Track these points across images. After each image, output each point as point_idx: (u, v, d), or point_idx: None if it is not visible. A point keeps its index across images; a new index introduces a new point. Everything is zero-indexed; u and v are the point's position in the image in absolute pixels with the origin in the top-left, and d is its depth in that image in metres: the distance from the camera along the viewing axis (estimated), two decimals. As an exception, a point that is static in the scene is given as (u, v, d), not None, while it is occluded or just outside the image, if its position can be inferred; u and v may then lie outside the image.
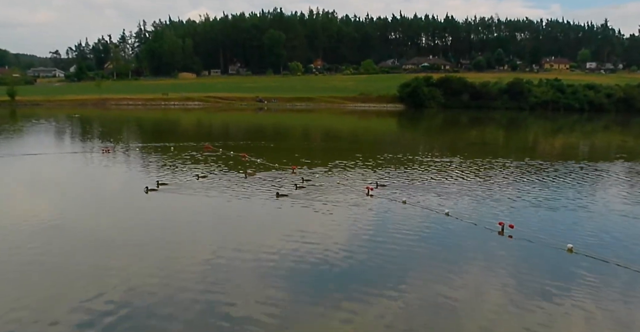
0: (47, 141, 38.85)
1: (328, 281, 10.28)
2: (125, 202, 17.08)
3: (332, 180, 20.60)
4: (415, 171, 23.54)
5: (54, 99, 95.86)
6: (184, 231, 13.85)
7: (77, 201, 17.15)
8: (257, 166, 23.89)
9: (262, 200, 17.01)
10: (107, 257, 11.57)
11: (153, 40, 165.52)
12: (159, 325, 8.33)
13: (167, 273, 10.54)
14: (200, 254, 11.74)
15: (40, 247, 12.16)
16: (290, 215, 15.49)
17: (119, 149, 32.04)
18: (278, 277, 10.36)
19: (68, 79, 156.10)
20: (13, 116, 68.56)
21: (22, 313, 8.59)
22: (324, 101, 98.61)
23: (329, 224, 14.29)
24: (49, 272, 10.62)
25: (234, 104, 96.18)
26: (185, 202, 16.82)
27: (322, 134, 49.68)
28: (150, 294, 9.43)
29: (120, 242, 12.70)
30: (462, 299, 9.59)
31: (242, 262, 11.20)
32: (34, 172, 22.94)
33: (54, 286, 9.83)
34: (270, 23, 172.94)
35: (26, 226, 13.83)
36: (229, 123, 63.24)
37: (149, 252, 11.97)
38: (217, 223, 14.71)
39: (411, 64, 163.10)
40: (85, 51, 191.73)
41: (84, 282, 9.99)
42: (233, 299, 9.29)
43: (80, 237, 13.03)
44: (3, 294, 9.36)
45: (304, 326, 8.48)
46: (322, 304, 9.22)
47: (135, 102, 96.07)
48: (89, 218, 15.12)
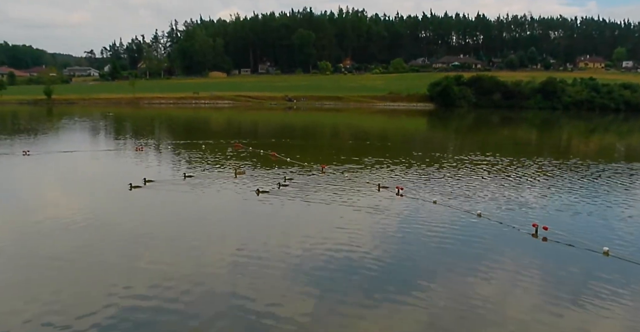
0: (82, 139, 39.79)
1: (355, 280, 10.22)
2: (156, 198, 17.31)
3: (361, 179, 20.53)
4: (446, 171, 23.29)
5: (88, 97, 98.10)
6: (213, 227, 14.01)
7: (110, 197, 17.49)
8: (286, 164, 23.97)
9: (291, 199, 17.04)
10: (138, 252, 11.77)
11: (184, 40, 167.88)
12: (187, 321, 8.40)
13: (196, 268, 10.67)
14: (228, 251, 11.82)
15: (72, 242, 12.43)
16: (317, 214, 15.50)
17: (151, 146, 32.61)
18: (305, 277, 10.34)
19: (102, 78, 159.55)
20: (49, 114, 70.45)
21: (56, 306, 8.80)
22: (353, 100, 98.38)
23: (356, 224, 14.24)
24: (82, 266, 10.83)
25: (264, 103, 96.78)
26: (215, 199, 16.99)
27: (351, 133, 49.57)
28: (179, 290, 9.52)
29: (151, 237, 12.88)
30: (492, 302, 9.43)
31: (269, 259, 11.24)
32: (69, 169, 23.51)
33: (85, 280, 10.03)
34: (300, 22, 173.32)
35: (60, 221, 14.17)
36: (258, 122, 63.68)
37: (179, 248, 12.10)
38: (245, 220, 14.78)
39: (441, 62, 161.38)
40: (119, 51, 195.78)
41: (116, 276, 10.17)
42: (261, 297, 9.31)
43: (113, 233, 13.27)
44: (37, 288, 9.57)
45: (330, 326, 8.43)
46: (348, 304, 9.17)
47: (166, 101, 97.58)
48: (121, 214, 15.41)
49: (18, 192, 18.55)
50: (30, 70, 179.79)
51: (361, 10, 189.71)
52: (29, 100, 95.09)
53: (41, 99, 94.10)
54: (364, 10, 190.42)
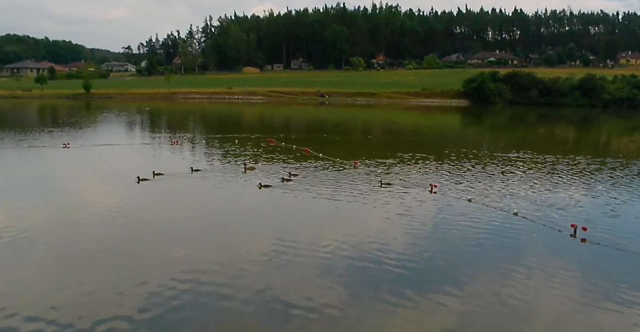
0: (119, 132, 40.65)
1: (387, 277, 10.15)
2: (190, 192, 17.54)
3: (394, 176, 20.39)
4: (480, 168, 22.90)
5: (125, 92, 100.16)
6: (245, 221, 14.09)
7: (146, 190, 17.81)
8: (319, 159, 23.98)
9: (322, 194, 17.03)
10: (170, 244, 11.94)
11: (219, 35, 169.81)
12: (219, 316, 8.49)
13: (229, 261, 10.77)
14: (260, 246, 11.89)
15: (107, 233, 12.71)
16: (349, 210, 15.45)
17: (186, 140, 33.08)
18: (336, 272, 10.33)
19: (139, 73, 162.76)
20: (88, 108, 72.18)
21: (89, 298, 9.00)
22: (385, 96, 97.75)
23: (389, 221, 14.13)
24: (116, 257, 11.05)
25: (296, 99, 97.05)
26: (245, 192, 17.10)
27: (384, 129, 49.28)
28: (211, 281, 9.63)
29: (183, 229, 13.06)
30: (527, 303, 9.22)
31: (300, 253, 11.26)
32: (105, 161, 24.03)
33: (120, 271, 10.21)
34: (333, 18, 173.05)
35: (95, 212, 14.51)
36: (290, 117, 63.89)
37: (211, 240, 12.25)
38: (277, 215, 14.83)
39: (477, 58, 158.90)
40: (156, 46, 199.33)
41: (149, 268, 10.36)
42: (292, 291, 9.35)
43: (147, 226, 13.50)
44: (71, 280, 9.77)
45: (360, 322, 8.39)
46: (379, 300, 9.12)
47: (201, 96, 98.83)
48: (155, 207, 15.67)
49: (56, 184, 19.10)
50: (69, 65, 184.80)
51: (395, 6, 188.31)
52: (68, 94, 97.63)
53: (80, 93, 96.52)
54: (397, 6, 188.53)
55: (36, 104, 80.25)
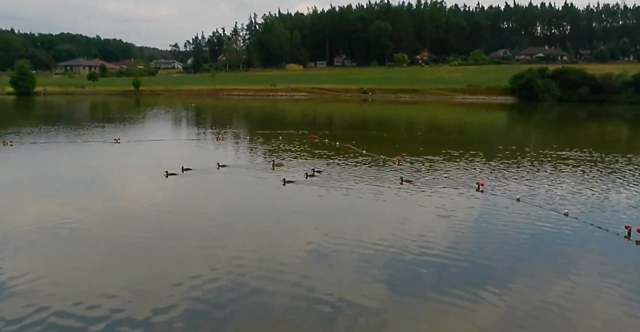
0: (166, 128, 41.68)
1: (427, 276, 10.02)
2: (234, 187, 17.79)
3: (438, 173, 20.13)
4: (529, 167, 22.31)
5: (172, 89, 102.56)
6: (287, 216, 14.20)
7: (191, 185, 18.19)
8: (363, 156, 23.91)
9: (366, 191, 16.99)
10: (215, 238, 12.12)
11: (263, 33, 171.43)
12: (259, 310, 8.57)
13: (271, 256, 10.87)
14: (299, 241, 11.94)
15: (154, 226, 13.05)
16: (392, 207, 15.34)
17: (231, 136, 33.61)
18: (377, 270, 10.25)
19: (185, 70, 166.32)
20: (137, 105, 74.28)
21: (135, 289, 9.28)
22: (429, 93, 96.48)
23: (432, 220, 13.94)
24: (163, 251, 11.31)
25: (339, 96, 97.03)
26: (292, 191, 17.20)
27: (428, 126, 48.68)
28: (252, 278, 9.72)
29: (227, 224, 13.25)
30: (574, 307, 8.91)
31: (341, 253, 11.21)
32: (154, 156, 24.65)
33: (166, 265, 10.44)
34: (377, 14, 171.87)
35: (143, 205, 14.95)
36: (333, 114, 63.94)
37: (254, 235, 12.37)
38: (315, 211, 14.86)
39: (524, 54, 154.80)
40: (201, 44, 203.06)
41: (194, 262, 10.54)
42: (333, 287, 9.34)
43: (191, 220, 13.74)
44: (118, 273, 10.05)
45: (401, 321, 8.33)
46: (420, 299, 9.02)
47: (245, 93, 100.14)
48: (200, 201, 15.96)
49: (108, 178, 19.75)
50: (120, 63, 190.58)
51: (440, 1, 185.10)
52: (118, 91, 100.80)
53: (130, 90, 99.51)
54: (442, 1, 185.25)
55: (88, 101, 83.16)
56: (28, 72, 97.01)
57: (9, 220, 13.32)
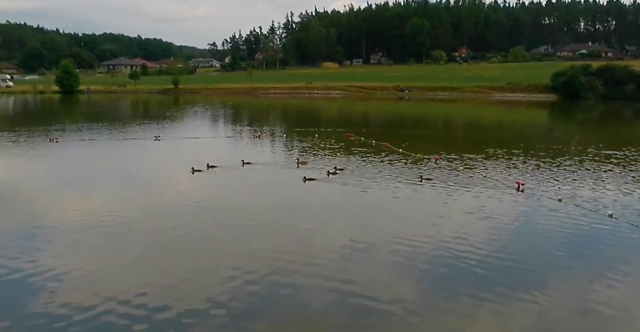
0: (205, 126, 42.38)
1: (464, 278, 9.80)
2: (270, 185, 17.90)
3: (476, 172, 19.80)
4: (571, 166, 21.70)
5: (210, 87, 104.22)
6: (320, 214, 14.20)
7: (227, 182, 18.43)
8: (399, 154, 23.74)
9: (400, 191, 16.86)
10: (249, 234, 12.22)
11: (299, 31, 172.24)
12: (294, 306, 8.61)
13: (305, 253, 10.88)
14: (335, 240, 11.90)
15: (191, 222, 13.24)
16: (428, 207, 15.18)
17: (268, 134, 33.89)
18: (412, 270, 10.14)
19: (223, 68, 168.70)
20: (176, 102, 75.72)
21: (172, 283, 9.42)
22: (468, 91, 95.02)
23: (469, 220, 13.66)
24: (199, 246, 11.46)
25: (375, 94, 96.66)
26: (325, 189, 17.21)
27: (466, 124, 47.95)
28: (286, 276, 9.75)
29: (264, 223, 13.31)
30: (613, 315, 8.50)
31: (375, 251, 11.15)
32: (193, 153, 25.04)
33: (202, 260, 10.59)
34: (414, 11, 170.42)
35: (180, 203, 15.16)
36: (369, 112, 63.70)
37: (288, 232, 12.43)
38: (352, 211, 14.79)
39: (567, 51, 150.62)
40: (239, 43, 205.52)
41: (229, 258, 10.66)
42: (367, 286, 9.28)
43: (224, 215, 13.91)
44: (158, 268, 10.21)
45: (435, 322, 8.22)
46: (455, 301, 8.83)
47: (281, 91, 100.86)
48: (236, 199, 16.14)
49: (148, 174, 20.19)
50: (160, 62, 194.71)
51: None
52: (158, 89, 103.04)
53: (169, 89, 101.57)
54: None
55: (129, 99, 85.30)
56: (72, 71, 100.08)
57: (54, 215, 13.76)
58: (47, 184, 18.11)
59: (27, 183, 18.13)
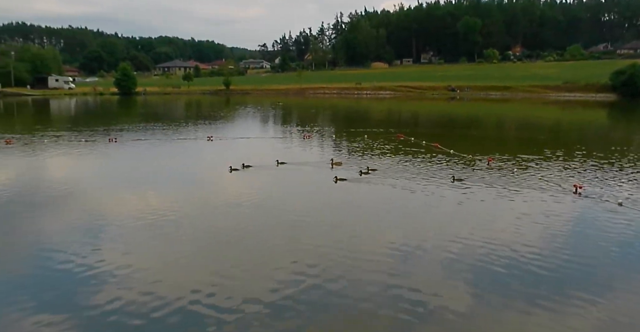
0: (255, 126, 43.09)
1: (517, 282, 9.55)
2: (317, 185, 17.97)
3: (531, 174, 19.27)
4: (633, 169, 20.75)
5: (260, 88, 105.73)
6: (369, 215, 14.16)
7: (276, 182, 18.71)
8: (450, 156, 23.40)
9: (450, 192, 16.62)
10: (298, 234, 12.33)
11: (348, 31, 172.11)
12: (341, 307, 8.64)
13: (353, 253, 10.91)
14: (384, 240, 11.85)
15: (241, 221, 13.48)
16: (480, 209, 14.88)
17: (317, 134, 34.10)
18: (462, 273, 9.96)
19: (273, 69, 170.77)
20: (228, 103, 77.28)
21: (222, 282, 9.63)
22: (522, 90, 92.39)
23: (523, 223, 13.26)
24: (249, 244, 11.66)
25: (425, 93, 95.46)
26: (372, 189, 17.19)
27: (519, 124, 46.67)
28: (335, 276, 9.79)
29: (311, 222, 13.43)
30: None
31: (424, 252, 11.04)
32: (244, 153, 25.46)
33: (251, 258, 10.75)
34: (466, 10, 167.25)
35: (229, 203, 15.51)
36: (419, 112, 63.01)
37: (336, 233, 12.47)
38: (400, 211, 14.71)
39: (627, 48, 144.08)
40: (289, 44, 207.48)
41: (279, 256, 10.80)
42: (415, 287, 9.22)
43: (275, 216, 14.07)
44: (205, 265, 10.47)
45: (487, 329, 8.08)
46: (508, 307, 8.63)
47: (330, 91, 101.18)
48: (284, 198, 16.36)
49: (199, 173, 20.71)
50: (212, 63, 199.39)
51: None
52: (210, 90, 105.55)
53: (221, 90, 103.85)
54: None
55: (183, 100, 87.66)
56: (130, 74, 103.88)
57: (112, 212, 14.35)
58: (106, 182, 18.90)
59: (88, 181, 19.00)
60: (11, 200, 15.66)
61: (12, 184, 18.23)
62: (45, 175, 20.67)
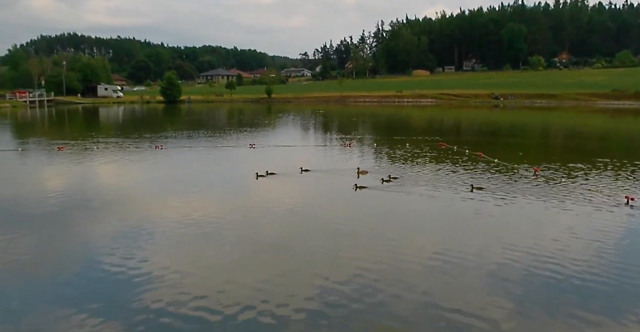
0: (296, 134, 43.39)
1: (564, 299, 9.20)
2: (358, 193, 17.89)
3: (579, 184, 18.68)
4: (688, 181, 19.87)
5: (302, 96, 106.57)
6: (407, 226, 14.05)
7: (316, 190, 18.78)
8: (494, 165, 22.95)
9: (496, 202, 16.28)
10: (340, 243, 12.33)
11: (389, 39, 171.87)
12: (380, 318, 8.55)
13: (393, 264, 10.83)
14: (422, 251, 11.69)
15: (284, 229, 13.61)
16: (524, 220, 14.52)
17: (358, 142, 34.08)
18: (504, 288, 9.66)
19: (314, 78, 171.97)
20: (269, 111, 78.19)
21: (262, 288, 9.70)
22: (568, 98, 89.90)
23: (571, 236, 12.78)
24: (290, 252, 11.75)
25: (468, 101, 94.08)
26: (408, 198, 17.01)
27: (566, 132, 45.40)
28: (375, 286, 9.72)
29: (349, 231, 13.36)
30: None
31: (465, 265, 10.79)
32: (286, 161, 25.70)
33: (292, 266, 10.81)
34: (511, 16, 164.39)
35: (274, 208, 15.66)
36: (461, 120, 62.11)
37: (377, 242, 12.41)
38: (441, 221, 14.52)
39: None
40: (329, 52, 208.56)
41: (319, 265, 10.82)
42: (455, 304, 8.99)
43: (314, 224, 14.16)
44: (244, 271, 10.57)
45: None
46: (553, 324, 8.33)
47: (371, 99, 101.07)
48: (324, 206, 16.41)
49: (241, 180, 20.95)
50: (254, 72, 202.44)
51: (581, 0, 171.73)
52: (252, 98, 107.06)
53: (262, 98, 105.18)
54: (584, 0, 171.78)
55: (226, 108, 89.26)
56: (175, 82, 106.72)
57: (158, 217, 14.71)
58: (152, 188, 19.44)
59: (135, 187, 19.61)
60: (63, 205, 16.27)
61: (63, 190, 18.96)
62: (95, 181, 21.40)
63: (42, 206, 15.94)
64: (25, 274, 10.45)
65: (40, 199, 16.96)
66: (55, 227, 13.88)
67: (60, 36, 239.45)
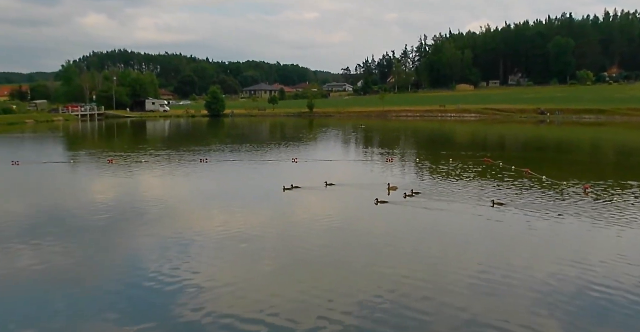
0: (338, 149, 43.53)
1: (614, 319, 8.91)
2: (396, 209, 17.77)
3: (631, 202, 17.97)
4: None
5: (343, 110, 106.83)
6: (451, 241, 13.86)
7: (357, 205, 18.74)
8: (541, 182, 22.36)
9: (540, 219, 15.85)
10: (378, 257, 12.29)
11: (432, 53, 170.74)
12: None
13: (434, 280, 10.70)
14: (464, 269, 11.46)
15: (320, 242, 13.68)
16: (571, 238, 14.15)
17: (399, 157, 33.88)
18: (549, 308, 9.35)
19: (355, 92, 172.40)
20: (311, 125, 78.79)
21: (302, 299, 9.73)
22: (619, 113, 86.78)
23: (621, 258, 12.16)
24: (327, 266, 11.81)
25: (513, 116, 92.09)
26: (451, 213, 16.77)
27: (616, 149, 43.85)
28: (413, 302, 9.62)
29: (389, 247, 13.29)
30: None
31: (510, 282, 10.55)
32: (327, 176, 25.74)
33: (329, 279, 10.83)
34: (557, 29, 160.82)
35: (312, 222, 15.83)
36: (506, 135, 60.89)
37: (417, 258, 12.37)
38: (485, 238, 14.25)
39: None
40: (371, 67, 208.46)
41: (357, 279, 10.84)
42: (498, 324, 8.75)
43: (356, 239, 14.13)
44: (284, 284, 10.65)
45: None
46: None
47: (413, 114, 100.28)
48: (365, 221, 16.37)
49: (284, 195, 21.09)
50: (296, 86, 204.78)
51: (633, 12, 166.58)
52: (294, 112, 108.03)
53: (304, 112, 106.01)
54: (636, 12, 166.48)
55: (268, 122, 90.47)
56: (219, 97, 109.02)
57: (201, 229, 15.04)
58: (197, 200, 19.87)
59: (180, 199, 20.12)
60: (112, 216, 16.83)
61: (113, 201, 19.64)
62: (143, 193, 22.03)
63: (92, 217, 16.54)
64: (76, 283, 10.83)
65: (91, 210, 17.61)
66: (104, 237, 14.35)
67: (111, 52, 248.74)
